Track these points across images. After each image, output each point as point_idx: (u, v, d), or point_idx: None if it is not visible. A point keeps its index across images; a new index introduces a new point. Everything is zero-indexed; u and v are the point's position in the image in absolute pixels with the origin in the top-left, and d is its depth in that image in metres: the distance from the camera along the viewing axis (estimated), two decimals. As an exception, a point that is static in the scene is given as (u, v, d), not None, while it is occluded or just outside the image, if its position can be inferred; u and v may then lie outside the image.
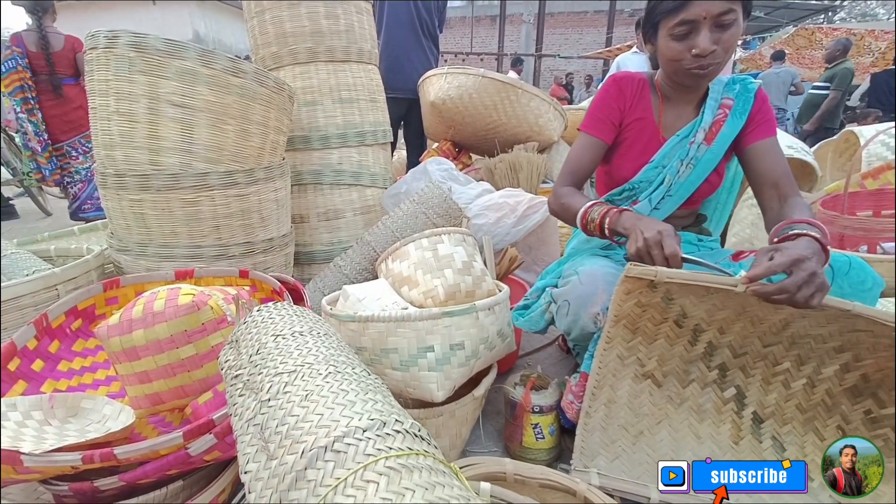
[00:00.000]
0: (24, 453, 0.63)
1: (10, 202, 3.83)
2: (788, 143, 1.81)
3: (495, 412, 1.19)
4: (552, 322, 1.07)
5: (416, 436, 0.44)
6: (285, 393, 0.47)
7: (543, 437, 1.00)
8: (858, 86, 6.43)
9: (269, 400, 0.47)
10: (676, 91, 1.05)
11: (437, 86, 2.35)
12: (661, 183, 1.05)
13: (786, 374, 0.92)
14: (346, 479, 0.36)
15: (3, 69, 2.53)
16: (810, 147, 1.96)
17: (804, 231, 0.78)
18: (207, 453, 0.73)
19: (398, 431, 0.43)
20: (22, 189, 3.98)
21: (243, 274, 1.20)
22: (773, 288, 0.70)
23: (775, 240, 0.82)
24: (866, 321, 0.76)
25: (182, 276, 1.17)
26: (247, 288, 1.06)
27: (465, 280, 0.99)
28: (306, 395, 0.46)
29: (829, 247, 0.77)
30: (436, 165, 1.80)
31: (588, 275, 0.95)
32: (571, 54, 12.39)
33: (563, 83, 10.80)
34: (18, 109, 2.61)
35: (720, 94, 1.04)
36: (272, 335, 0.59)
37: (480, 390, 0.96)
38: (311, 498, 0.36)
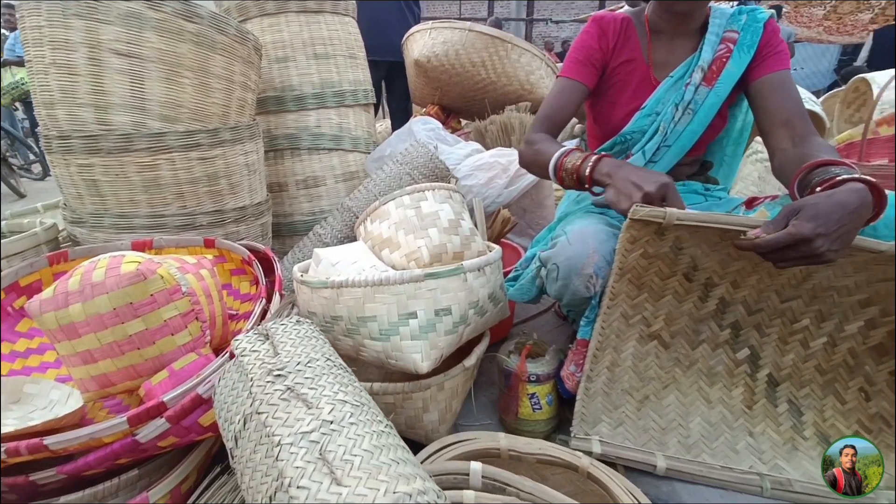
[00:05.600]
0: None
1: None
2: (796, 93, 1.69)
3: (489, 383, 1.12)
4: (544, 290, 0.98)
5: None
6: (352, 424, 0.48)
7: (541, 408, 0.92)
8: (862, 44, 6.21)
9: (332, 423, 0.48)
10: (669, 22, 0.93)
11: (420, 42, 2.19)
12: (656, 132, 0.94)
13: (804, 333, 0.84)
14: None
15: None
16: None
17: (849, 175, 0.62)
18: (161, 439, 0.65)
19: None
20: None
21: (208, 243, 1.10)
22: (766, 241, 0.60)
23: (817, 185, 0.66)
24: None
25: (140, 247, 1.06)
26: (210, 257, 0.96)
27: (453, 240, 0.89)
28: (376, 435, 0.48)
29: (885, 190, 0.62)
30: (421, 125, 1.67)
31: (577, 234, 0.84)
32: (564, 18, 11.94)
33: (558, 51, 10.41)
34: None
35: (723, 26, 0.92)
36: (322, 355, 0.60)
37: (471, 360, 0.88)
38: None
